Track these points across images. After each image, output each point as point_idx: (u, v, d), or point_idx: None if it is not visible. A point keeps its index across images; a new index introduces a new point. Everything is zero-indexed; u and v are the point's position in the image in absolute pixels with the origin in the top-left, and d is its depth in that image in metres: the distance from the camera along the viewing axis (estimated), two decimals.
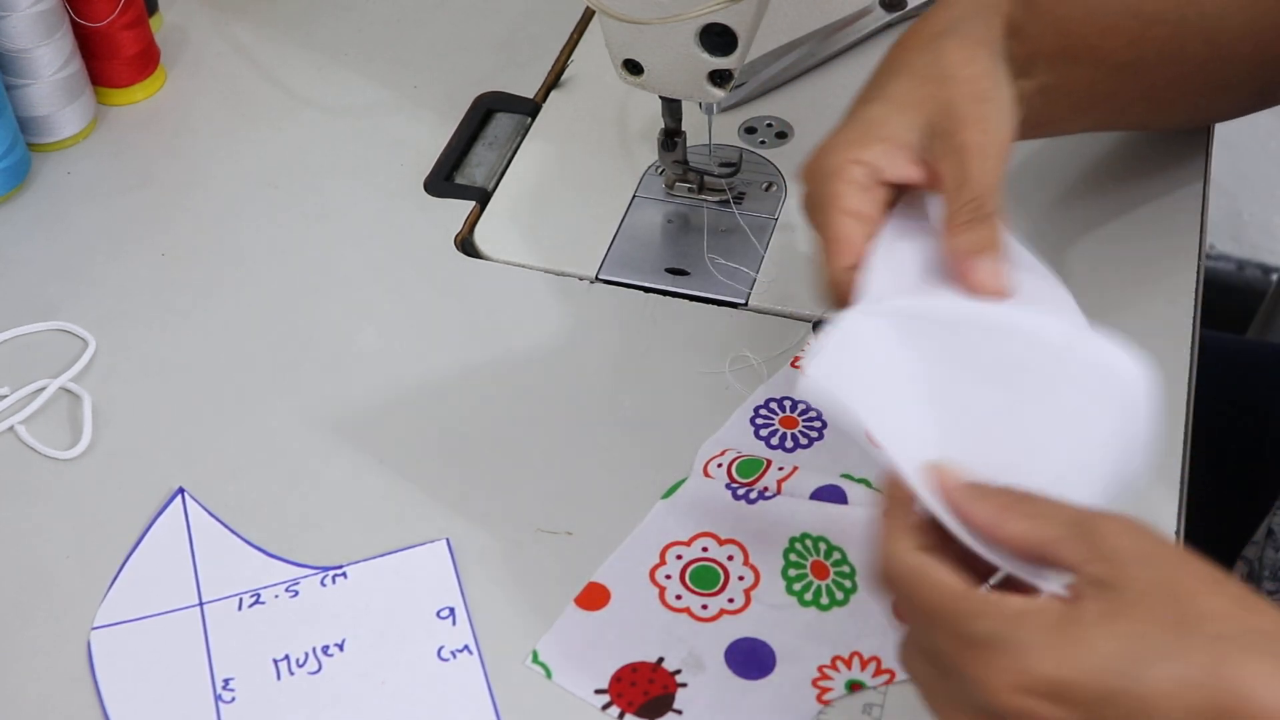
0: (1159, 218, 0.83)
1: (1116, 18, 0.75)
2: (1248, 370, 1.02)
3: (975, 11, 0.68)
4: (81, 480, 0.73)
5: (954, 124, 0.63)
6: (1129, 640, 0.49)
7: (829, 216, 0.63)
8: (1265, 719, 0.48)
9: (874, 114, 0.65)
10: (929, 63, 0.65)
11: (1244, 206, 1.79)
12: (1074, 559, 0.52)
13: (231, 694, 0.64)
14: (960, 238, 0.62)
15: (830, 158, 0.64)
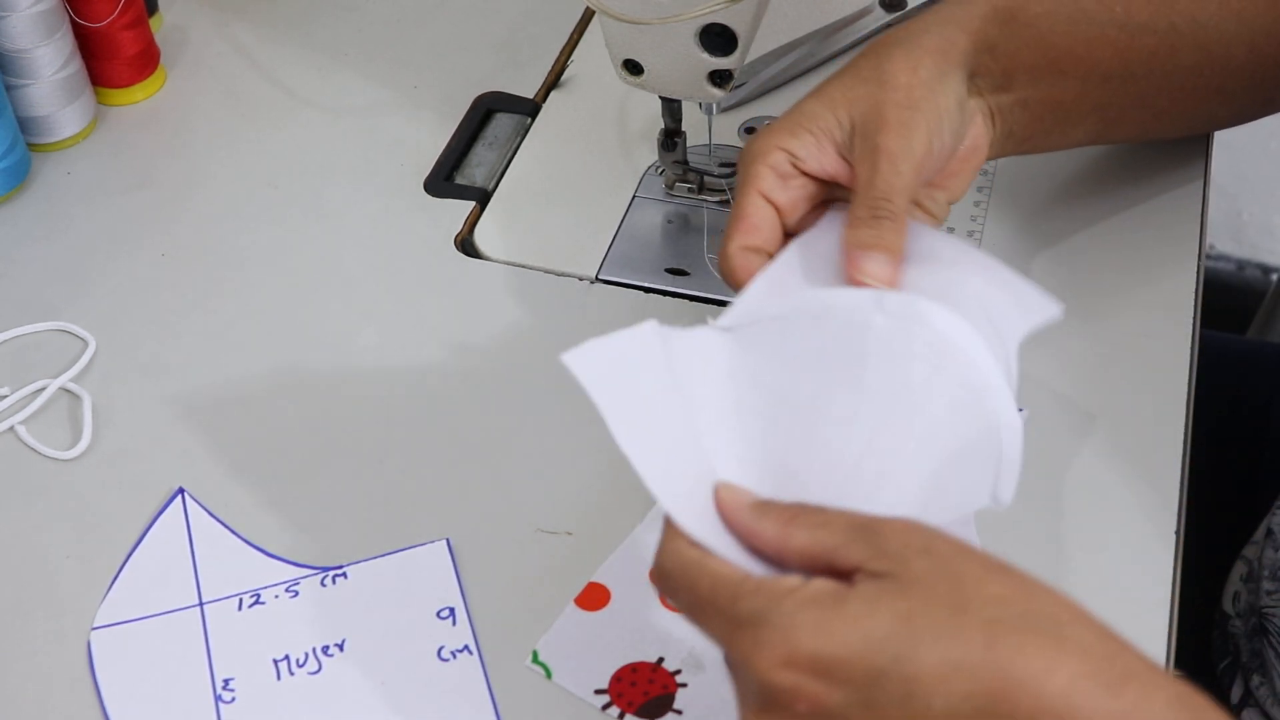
0: (1159, 218, 0.83)
1: (1102, 28, 0.74)
2: (1248, 370, 1.03)
3: (938, 25, 0.69)
4: (81, 480, 0.73)
5: (876, 125, 0.64)
6: (900, 620, 0.49)
7: (741, 195, 0.66)
8: (1037, 702, 0.48)
9: (808, 107, 0.66)
10: (873, 66, 0.67)
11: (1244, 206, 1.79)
12: (858, 560, 0.51)
13: (231, 694, 0.64)
14: (858, 232, 0.62)
15: (759, 142, 0.66)
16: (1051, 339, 0.76)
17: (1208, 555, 0.89)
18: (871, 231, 0.62)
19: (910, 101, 0.65)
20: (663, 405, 0.57)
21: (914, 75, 0.66)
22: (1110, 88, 0.76)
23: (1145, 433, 0.72)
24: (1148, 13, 0.75)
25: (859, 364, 0.58)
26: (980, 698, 0.48)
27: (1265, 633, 0.82)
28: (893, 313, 0.59)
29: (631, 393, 0.57)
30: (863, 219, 0.63)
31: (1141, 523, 0.68)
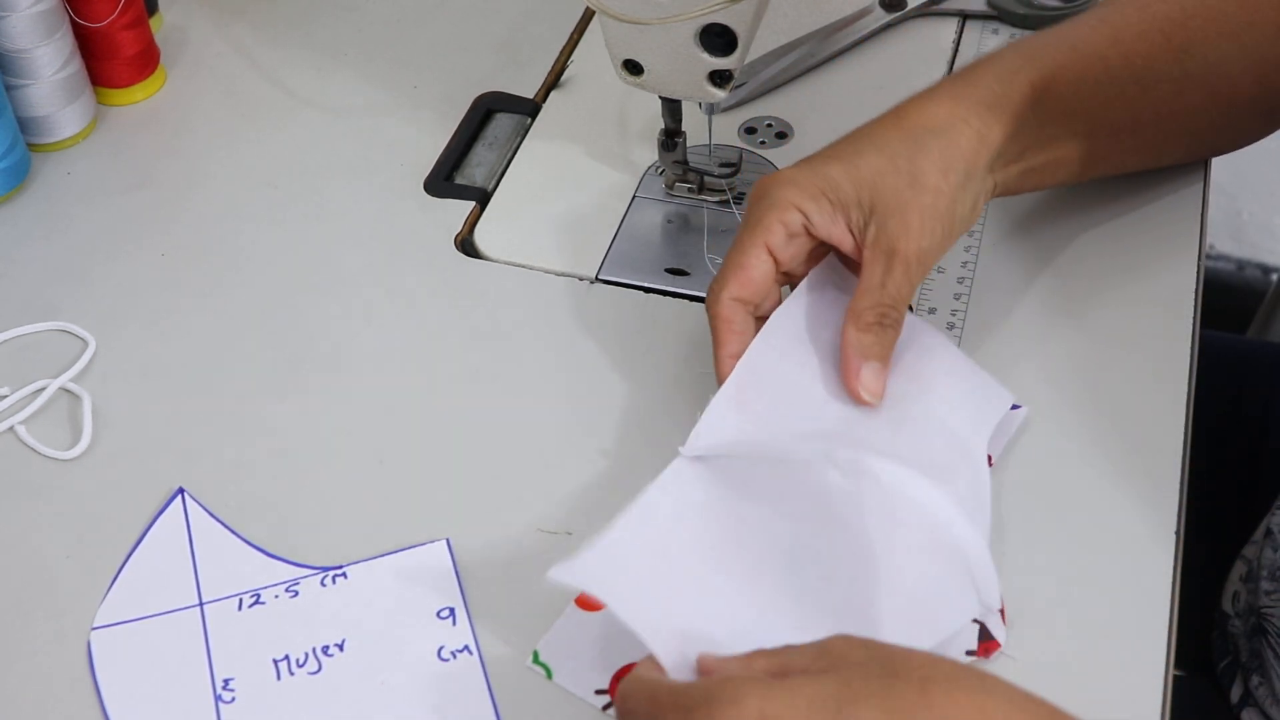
0: (1159, 218, 0.83)
1: (1121, 86, 0.75)
2: (1248, 370, 1.03)
3: (978, 114, 0.70)
4: (81, 480, 0.73)
5: (898, 227, 0.66)
6: (840, 684, 0.52)
7: (748, 244, 0.68)
8: None
9: (833, 174, 0.68)
10: (908, 155, 0.68)
11: (1244, 206, 1.79)
12: (802, 665, 0.54)
13: (231, 694, 0.64)
14: (862, 336, 0.66)
15: (777, 193, 0.68)
16: (1052, 339, 0.77)
17: (1208, 555, 0.89)
18: (874, 339, 0.66)
19: (935, 210, 0.67)
20: (650, 580, 0.63)
21: (944, 179, 0.67)
22: (1116, 139, 0.77)
23: (1145, 433, 0.72)
24: (1165, 61, 0.75)
25: (823, 519, 0.64)
26: None
27: (1264, 633, 0.82)
28: (845, 471, 0.64)
29: (621, 578, 0.62)
30: (869, 323, 0.66)
31: (1141, 523, 0.68)
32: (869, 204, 0.67)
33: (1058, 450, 0.71)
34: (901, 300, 0.67)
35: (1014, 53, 0.74)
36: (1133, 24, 0.76)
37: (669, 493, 0.67)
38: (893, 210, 0.67)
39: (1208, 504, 0.80)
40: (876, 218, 0.67)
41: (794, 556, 0.64)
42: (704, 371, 0.76)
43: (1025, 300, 0.78)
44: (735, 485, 0.66)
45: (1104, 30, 0.75)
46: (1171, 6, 0.76)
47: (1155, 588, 0.66)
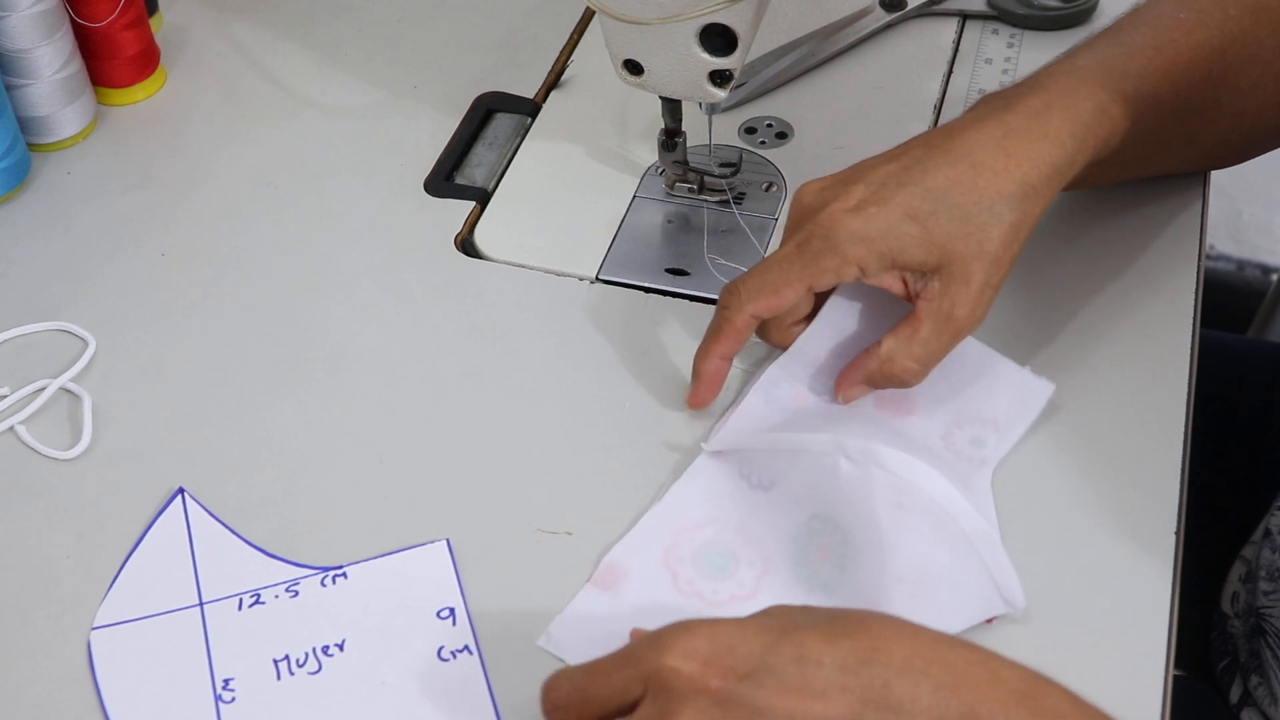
0: (1159, 218, 0.83)
1: (1161, 121, 0.74)
2: (1248, 370, 1.03)
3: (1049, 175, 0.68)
4: (81, 480, 0.73)
5: (960, 294, 0.67)
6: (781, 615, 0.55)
7: (793, 275, 0.67)
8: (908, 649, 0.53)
9: (906, 236, 0.66)
10: (980, 224, 0.66)
11: (1244, 206, 1.79)
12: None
13: (231, 694, 0.64)
14: (888, 380, 0.68)
15: (848, 245, 0.66)
16: (1052, 339, 0.77)
17: (1207, 555, 0.89)
18: (888, 384, 0.69)
19: (994, 281, 0.67)
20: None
21: (1008, 250, 0.67)
22: (1140, 164, 0.78)
23: (1145, 433, 0.72)
24: (1201, 92, 0.75)
25: (833, 505, 0.66)
26: (862, 652, 0.52)
27: (1262, 633, 0.82)
28: (855, 458, 0.65)
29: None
30: (897, 374, 0.68)
31: (1141, 523, 0.68)
32: (934, 264, 0.67)
33: (1058, 450, 0.71)
34: (937, 362, 0.68)
35: (1085, 96, 0.70)
36: (1183, 55, 0.74)
37: (691, 487, 0.69)
38: (958, 278, 0.66)
39: (1207, 504, 0.80)
40: (941, 278, 0.67)
41: (804, 546, 0.66)
42: None
43: (1025, 300, 0.78)
44: (751, 478, 0.68)
45: (1159, 62, 0.73)
46: (1213, 33, 0.74)
47: (1155, 588, 0.66)
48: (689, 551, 0.67)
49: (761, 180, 0.87)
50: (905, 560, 0.63)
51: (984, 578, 0.64)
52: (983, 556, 0.64)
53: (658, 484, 0.71)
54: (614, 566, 0.67)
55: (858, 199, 0.67)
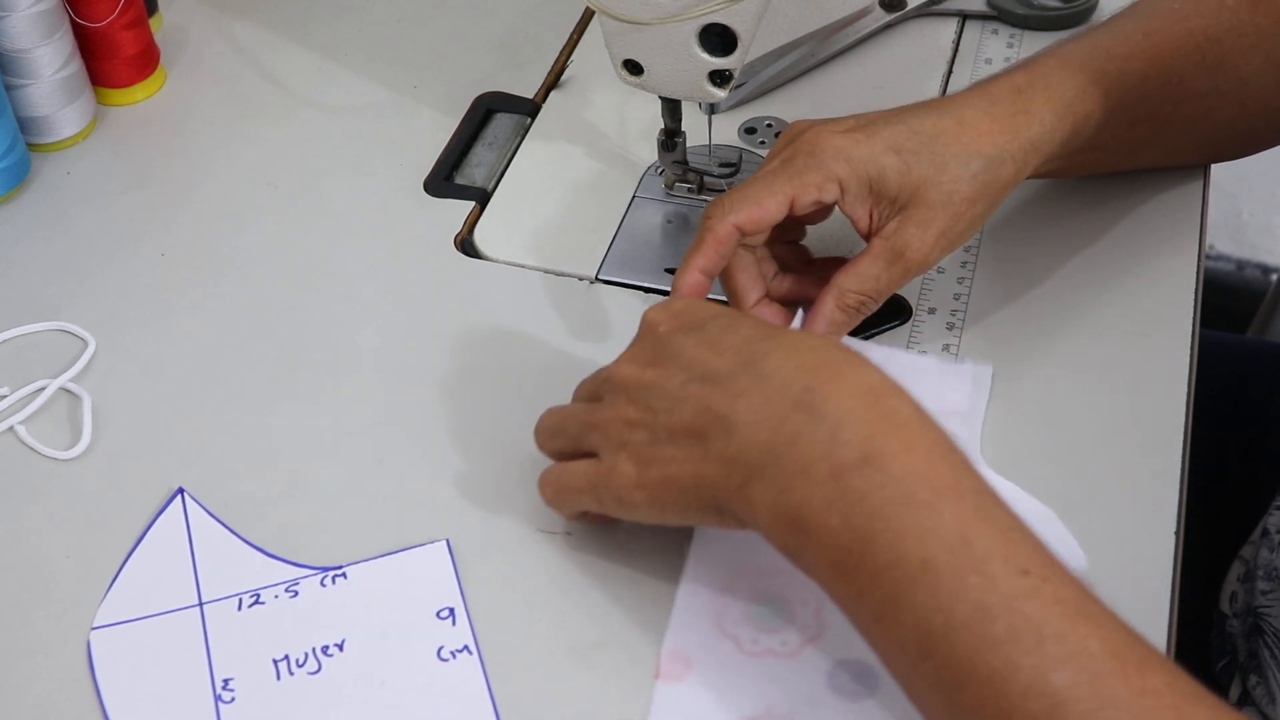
0: (1159, 218, 0.83)
1: (1154, 104, 0.76)
2: (1248, 370, 1.03)
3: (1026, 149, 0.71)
4: (81, 480, 0.73)
5: (915, 236, 0.69)
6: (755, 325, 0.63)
7: (776, 185, 0.69)
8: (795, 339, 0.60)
9: (888, 167, 0.69)
10: (953, 176, 0.69)
11: (1244, 206, 1.79)
12: None
13: (231, 694, 0.64)
14: (837, 313, 0.70)
15: (830, 159, 0.69)
16: (1051, 339, 0.77)
17: (1206, 555, 0.89)
18: (845, 320, 0.71)
19: (953, 232, 0.70)
20: None
21: (972, 208, 0.70)
22: (1138, 151, 0.78)
23: (1145, 433, 0.72)
24: (1198, 78, 0.76)
25: None
26: (763, 336, 0.61)
27: (1261, 633, 0.82)
28: None
29: None
30: (848, 305, 0.70)
31: (1141, 523, 0.68)
32: (902, 204, 0.69)
33: (1057, 450, 0.71)
34: (885, 295, 0.71)
35: (1070, 79, 0.73)
36: (1173, 40, 0.76)
37: (708, 546, 0.68)
38: (918, 220, 0.69)
39: (1207, 504, 0.80)
40: (901, 217, 0.69)
41: None
42: None
43: (1025, 300, 0.78)
44: None
45: (1148, 48, 0.75)
46: (1208, 21, 0.76)
47: (1154, 588, 0.66)
48: (739, 613, 0.66)
49: None
50: None
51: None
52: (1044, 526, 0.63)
53: None
54: (675, 654, 0.65)
55: (846, 127, 0.70)
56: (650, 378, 0.63)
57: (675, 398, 0.61)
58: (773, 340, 0.61)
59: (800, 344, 0.60)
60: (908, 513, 0.54)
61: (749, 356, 0.60)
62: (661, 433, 0.61)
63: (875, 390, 0.58)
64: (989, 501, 0.55)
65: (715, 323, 0.63)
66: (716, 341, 0.61)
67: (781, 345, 0.60)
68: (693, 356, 0.62)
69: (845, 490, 0.56)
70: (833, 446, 0.56)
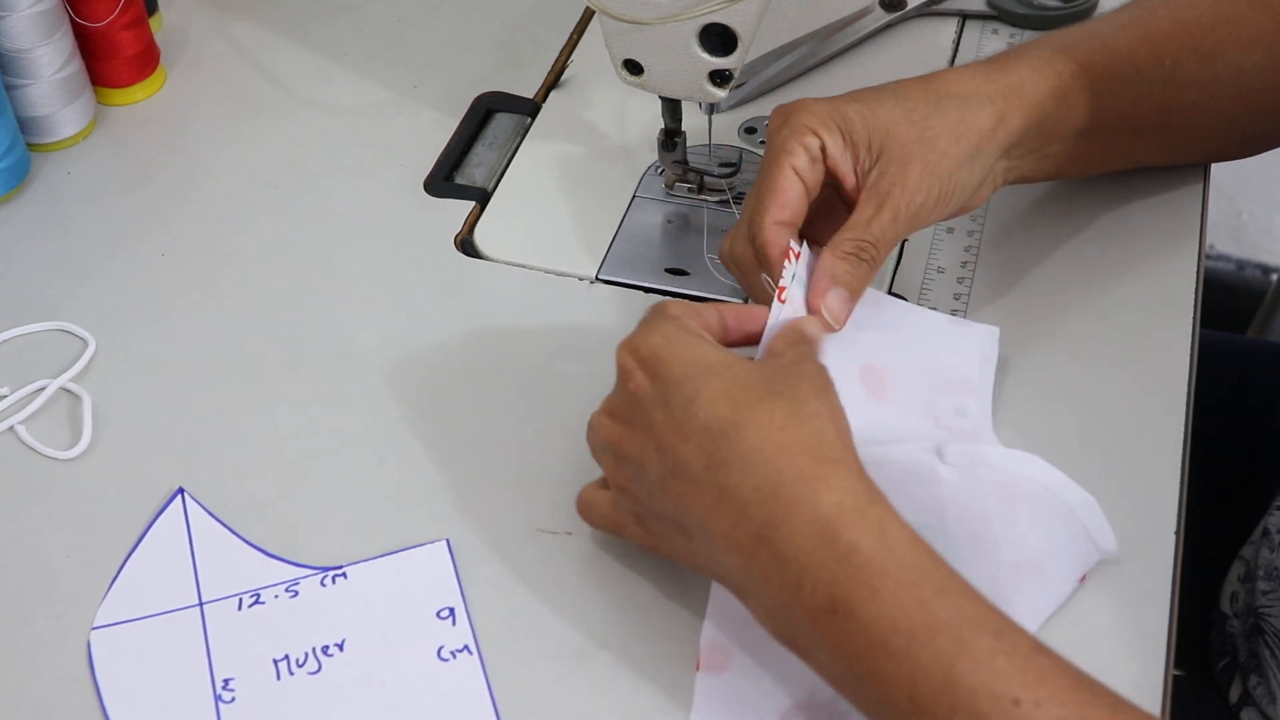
0: (1159, 218, 0.83)
1: (1150, 85, 0.76)
2: (1248, 370, 1.03)
3: (1006, 95, 0.71)
4: (81, 480, 0.73)
5: (897, 176, 0.68)
6: (722, 363, 0.61)
7: (775, 169, 0.69)
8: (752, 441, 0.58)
9: (850, 112, 0.69)
10: (924, 113, 0.70)
11: (1244, 206, 1.79)
12: None
13: (231, 694, 0.64)
14: (837, 262, 0.68)
15: (797, 118, 0.70)
16: (1051, 339, 0.77)
17: (1207, 555, 0.89)
18: (848, 268, 0.68)
19: (937, 171, 0.69)
20: None
21: (953, 144, 0.69)
22: (1140, 140, 0.78)
23: (1145, 432, 0.72)
24: (1194, 64, 0.76)
25: (938, 516, 0.64)
26: (725, 422, 0.59)
27: (1261, 633, 0.82)
28: (957, 465, 0.65)
29: None
30: (848, 253, 0.68)
31: (1141, 523, 0.68)
32: (878, 148, 0.69)
33: (1057, 450, 0.71)
34: (882, 242, 0.68)
35: (1046, 46, 0.74)
36: (1163, 25, 0.76)
37: None
38: (897, 159, 0.69)
39: (1207, 504, 0.80)
40: (881, 163, 0.69)
41: None
42: None
43: (1025, 300, 0.78)
44: None
45: (1135, 29, 0.76)
46: (1201, 12, 0.76)
47: (1155, 588, 0.66)
48: None
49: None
50: (1020, 546, 0.64)
51: (1078, 534, 0.64)
52: (1077, 514, 0.64)
53: None
54: (714, 645, 0.64)
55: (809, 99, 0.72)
56: (629, 449, 0.62)
57: (654, 485, 0.61)
58: (731, 439, 0.58)
59: (755, 451, 0.58)
60: (885, 658, 0.54)
61: (711, 459, 0.59)
62: (652, 513, 0.63)
63: (831, 526, 0.56)
64: (966, 626, 0.54)
65: (679, 390, 0.60)
66: (683, 423, 0.60)
67: (738, 452, 0.58)
68: (661, 438, 0.60)
69: (825, 632, 0.56)
70: (800, 593, 0.56)
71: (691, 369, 0.61)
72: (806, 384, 0.60)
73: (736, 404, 0.59)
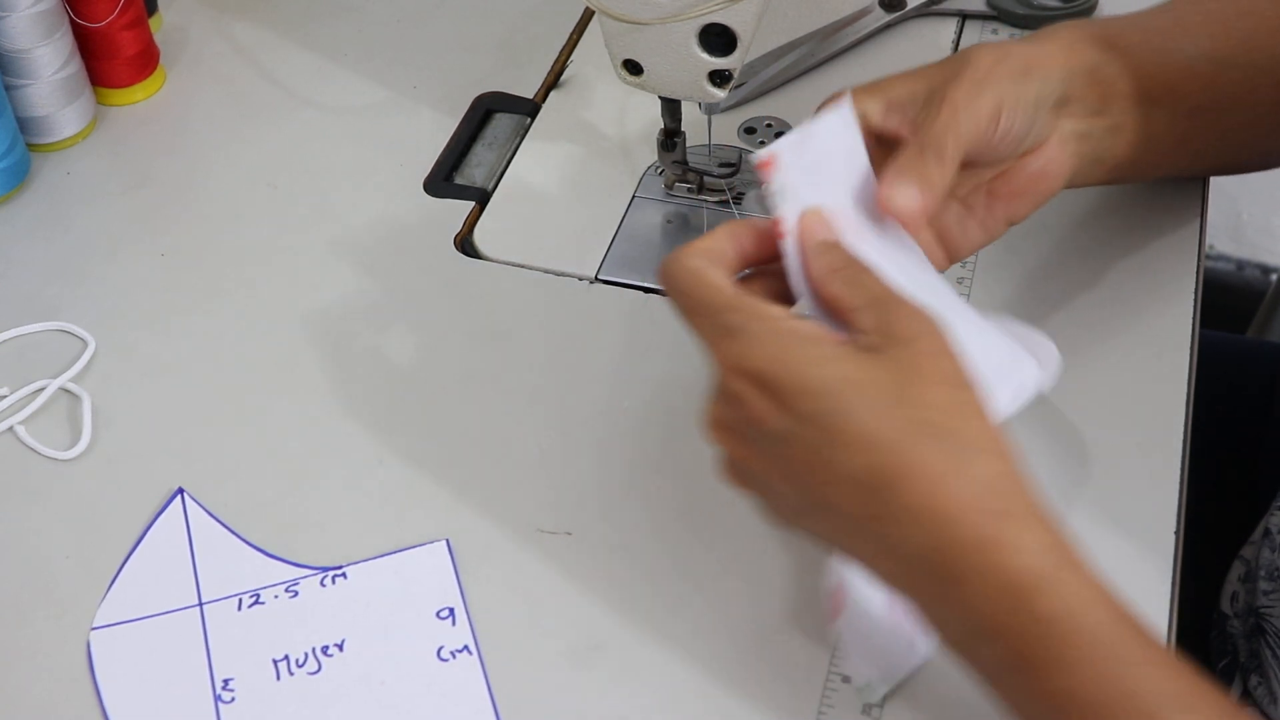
0: (1159, 218, 0.83)
1: (1190, 61, 0.75)
2: (1248, 370, 1.03)
3: (1036, 40, 0.70)
4: (81, 480, 0.73)
5: (947, 87, 0.65)
6: (846, 383, 0.55)
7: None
8: (916, 499, 0.53)
9: (886, 79, 0.67)
10: (959, 55, 0.67)
11: (1244, 207, 1.79)
12: (861, 326, 0.57)
13: (231, 694, 0.64)
14: (900, 160, 0.63)
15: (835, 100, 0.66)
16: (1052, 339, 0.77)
17: (1207, 555, 0.89)
18: (913, 161, 0.63)
19: (986, 77, 0.65)
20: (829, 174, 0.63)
21: (997, 65, 0.66)
22: (1197, 121, 0.76)
23: (1145, 432, 0.72)
24: (1229, 48, 0.75)
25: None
26: (876, 474, 0.54)
27: (1262, 633, 0.82)
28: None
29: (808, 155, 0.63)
30: (910, 154, 0.63)
31: (1141, 523, 0.68)
32: (921, 92, 0.66)
33: (1058, 449, 0.71)
34: (947, 135, 0.63)
35: (1072, 25, 0.72)
36: (1192, 14, 0.76)
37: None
38: (944, 82, 0.65)
39: (1207, 504, 0.80)
40: (927, 94, 0.66)
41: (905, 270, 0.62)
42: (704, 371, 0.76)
43: (1025, 300, 0.78)
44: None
45: (1163, 16, 0.76)
46: (1226, 5, 0.76)
47: (1155, 588, 0.66)
48: None
49: (761, 180, 0.87)
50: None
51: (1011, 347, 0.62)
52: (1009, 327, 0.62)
53: (658, 484, 0.71)
54: (840, 590, 0.63)
55: None
56: (758, 469, 0.58)
57: (795, 509, 0.58)
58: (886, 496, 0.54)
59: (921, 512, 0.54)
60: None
61: (866, 510, 0.55)
62: (788, 515, 0.59)
63: (1020, 592, 0.53)
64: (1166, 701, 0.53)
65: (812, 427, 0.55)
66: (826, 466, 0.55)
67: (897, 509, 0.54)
68: (800, 476, 0.56)
69: (1008, 682, 0.55)
70: (980, 643, 0.55)
71: (816, 398, 0.55)
72: (943, 394, 0.55)
73: (883, 451, 0.54)
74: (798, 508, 0.58)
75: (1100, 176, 0.74)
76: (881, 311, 0.57)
